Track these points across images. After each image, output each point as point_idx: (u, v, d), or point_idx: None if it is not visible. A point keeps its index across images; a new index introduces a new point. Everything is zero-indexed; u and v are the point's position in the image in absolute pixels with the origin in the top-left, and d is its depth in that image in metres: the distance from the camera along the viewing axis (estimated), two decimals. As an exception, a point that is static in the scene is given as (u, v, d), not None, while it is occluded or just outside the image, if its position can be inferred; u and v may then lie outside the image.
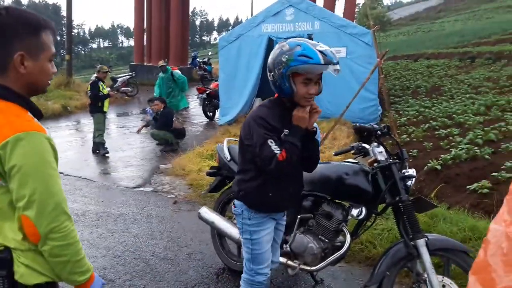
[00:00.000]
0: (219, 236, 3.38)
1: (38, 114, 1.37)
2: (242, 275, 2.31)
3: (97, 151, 7.82)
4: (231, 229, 3.04)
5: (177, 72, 9.94)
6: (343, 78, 8.97)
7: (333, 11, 15.51)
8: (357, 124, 2.67)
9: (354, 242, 3.47)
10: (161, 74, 9.72)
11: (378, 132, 2.56)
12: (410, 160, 5.75)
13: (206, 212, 3.23)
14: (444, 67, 16.00)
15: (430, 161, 5.39)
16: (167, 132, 7.98)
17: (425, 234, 2.38)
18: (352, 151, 2.69)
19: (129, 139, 9.31)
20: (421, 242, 2.31)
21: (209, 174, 3.41)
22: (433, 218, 3.66)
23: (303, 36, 9.55)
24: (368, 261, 3.39)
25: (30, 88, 1.36)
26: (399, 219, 2.47)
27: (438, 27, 36.49)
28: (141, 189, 5.70)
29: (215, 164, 3.53)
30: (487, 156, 5.31)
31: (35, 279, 1.30)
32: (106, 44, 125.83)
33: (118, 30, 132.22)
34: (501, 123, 6.93)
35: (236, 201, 2.25)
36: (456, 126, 7.27)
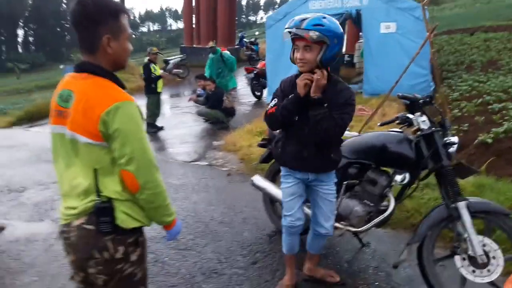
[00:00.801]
0: (270, 201, 3.68)
1: (123, 87, 1.63)
2: None
3: (154, 129, 8.36)
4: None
5: (226, 53, 10.23)
6: (393, 54, 8.86)
7: (383, -15, 15.09)
8: (400, 94, 2.80)
9: (400, 210, 3.66)
10: (211, 55, 10.04)
11: (421, 101, 2.68)
12: (461, 134, 5.72)
13: (259, 180, 3.52)
14: (503, 40, 15.15)
15: (481, 135, 5.34)
16: (218, 111, 8.35)
17: (467, 197, 2.52)
18: (397, 121, 2.84)
19: (182, 118, 9.80)
20: (461, 204, 2.45)
21: (260, 145, 3.67)
22: (479, 188, 3.73)
23: (351, 12, 9.50)
24: (414, 227, 3.53)
25: (114, 65, 1.62)
26: (441, 184, 2.62)
27: (498, -3, 34.17)
28: (197, 163, 6.12)
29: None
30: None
31: (132, 224, 1.58)
32: (155, 28, 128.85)
33: (166, 13, 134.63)
34: (562, 97, 6.65)
35: None
36: (511, 100, 7.05)
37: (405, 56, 8.45)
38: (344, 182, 2.96)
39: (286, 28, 2.29)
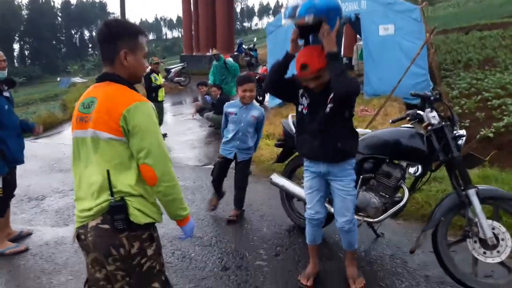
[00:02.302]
0: (287, 198, 3.88)
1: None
2: None
3: None
4: (300, 190, 3.51)
5: (230, 60, 10.44)
6: (393, 55, 9.08)
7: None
8: (413, 92, 2.99)
9: (410, 202, 3.84)
10: (214, 63, 10.24)
11: (431, 98, 2.88)
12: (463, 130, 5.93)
13: (277, 178, 3.71)
14: (498, 38, 15.43)
15: (483, 129, 5.55)
16: (225, 116, 8.56)
17: (476, 185, 2.72)
18: (408, 118, 3.05)
19: (188, 124, 9.99)
20: (472, 192, 2.66)
21: (277, 145, 3.88)
22: (485, 179, 3.93)
23: (350, 16, 9.74)
24: (425, 218, 3.73)
25: (130, 76, 1.81)
26: (451, 174, 2.82)
27: (491, -5, 34.55)
28: (209, 166, 6.28)
29: (273, 142, 4.04)
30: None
31: (144, 219, 1.72)
32: (151, 37, 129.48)
33: (161, 22, 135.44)
34: (559, 91, 6.88)
35: None
36: (510, 96, 7.27)
37: (404, 57, 8.69)
38: (361, 176, 3.15)
39: (284, 21, 2.50)
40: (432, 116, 2.87)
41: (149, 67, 8.81)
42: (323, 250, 3.32)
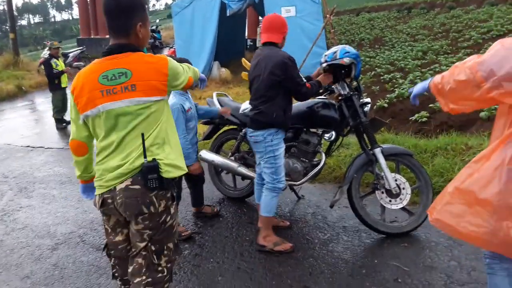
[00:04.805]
0: (216, 173, 4.08)
1: None
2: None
3: (63, 124, 8.23)
4: (229, 163, 3.73)
5: (136, 42, 10.15)
6: (295, 36, 9.55)
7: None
8: (324, 65, 3.32)
9: (325, 167, 4.30)
10: (120, 45, 9.88)
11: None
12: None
13: (206, 154, 3.87)
14: (384, 19, 17.06)
15: (378, 101, 6.28)
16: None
17: (381, 145, 3.19)
18: (321, 90, 3.42)
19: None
20: (377, 150, 3.12)
21: (204, 123, 4.03)
22: (384, 142, 4.53)
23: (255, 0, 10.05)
24: (337, 180, 4.23)
25: (140, 47, 1.90)
26: (360, 137, 3.26)
27: (375, -20, 37.54)
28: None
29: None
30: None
31: (174, 174, 1.86)
32: (36, 20, 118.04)
33: (48, 3, 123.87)
34: (436, 65, 7.97)
35: None
36: (398, 70, 8.24)
37: (305, 37, 9.25)
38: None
39: (324, 63, 3.16)
40: (341, 88, 3.27)
41: (48, 52, 8.32)
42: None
